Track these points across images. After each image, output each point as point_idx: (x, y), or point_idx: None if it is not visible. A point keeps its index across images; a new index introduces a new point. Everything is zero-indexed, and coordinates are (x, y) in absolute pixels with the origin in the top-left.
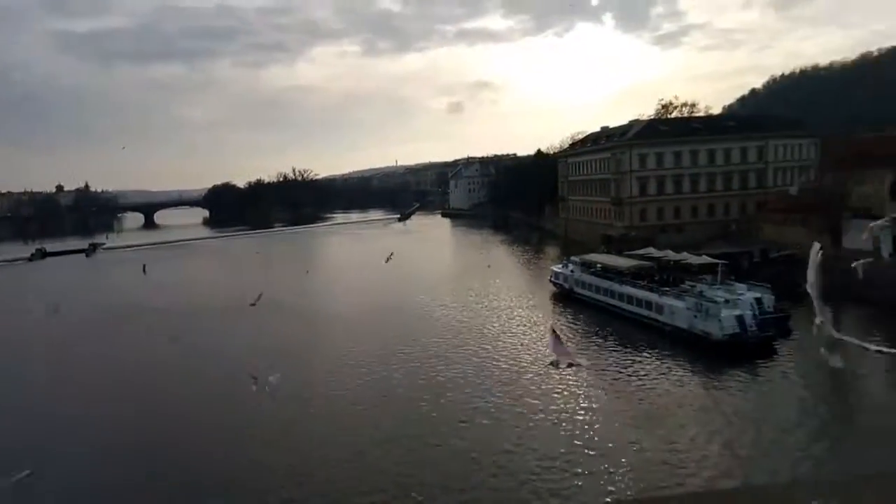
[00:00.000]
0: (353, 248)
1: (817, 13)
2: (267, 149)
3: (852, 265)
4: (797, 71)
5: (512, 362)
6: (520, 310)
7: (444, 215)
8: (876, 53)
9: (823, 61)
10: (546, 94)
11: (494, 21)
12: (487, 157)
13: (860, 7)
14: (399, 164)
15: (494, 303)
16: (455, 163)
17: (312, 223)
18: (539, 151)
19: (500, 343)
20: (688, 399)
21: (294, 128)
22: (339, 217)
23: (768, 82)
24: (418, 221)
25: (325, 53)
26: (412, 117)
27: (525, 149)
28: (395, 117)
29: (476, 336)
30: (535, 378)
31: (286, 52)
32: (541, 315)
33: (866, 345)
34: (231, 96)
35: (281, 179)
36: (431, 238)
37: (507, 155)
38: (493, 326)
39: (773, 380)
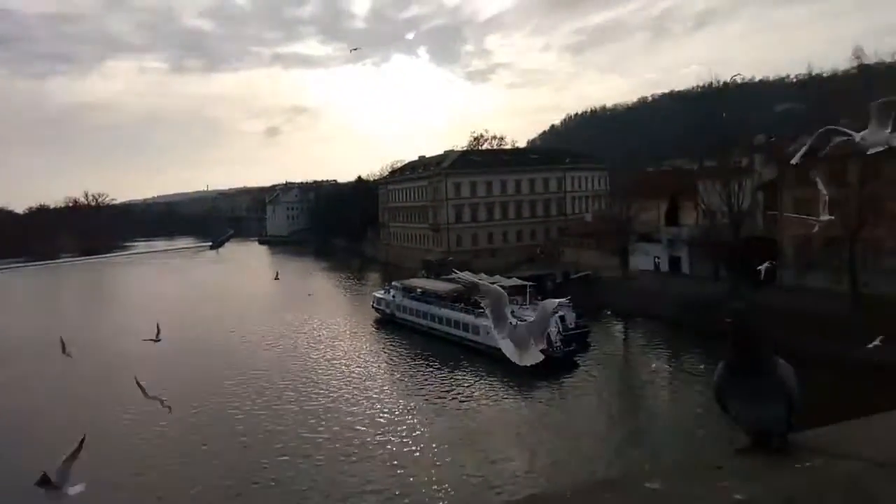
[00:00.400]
0: (158, 279)
1: (605, 61)
2: (54, 171)
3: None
4: (588, 111)
5: (334, 391)
6: (342, 338)
7: (261, 242)
8: (650, 98)
9: (609, 103)
10: (366, 122)
11: (312, 47)
12: (307, 183)
13: (636, 58)
14: (211, 188)
15: (316, 332)
16: (273, 188)
17: (109, 253)
18: (360, 178)
19: (322, 372)
20: (503, 415)
21: (87, 147)
22: (142, 245)
23: (565, 119)
24: (233, 249)
25: (124, 68)
26: (225, 140)
27: (346, 175)
28: (205, 139)
29: (298, 368)
30: (358, 404)
31: (75, 64)
32: (364, 342)
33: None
34: (8, 112)
35: (70, 205)
36: (248, 266)
37: (328, 181)
38: (315, 356)
39: (576, 391)
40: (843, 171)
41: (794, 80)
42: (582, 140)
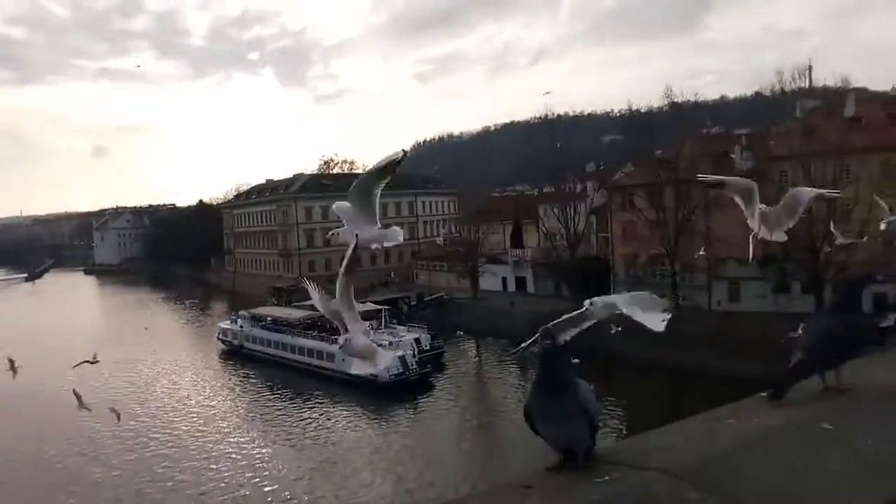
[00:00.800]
0: None
1: (450, 90)
2: None
3: None
4: (436, 137)
5: (177, 431)
6: (184, 373)
7: (88, 272)
8: (493, 127)
9: (456, 130)
10: (207, 143)
11: (145, 62)
12: (142, 208)
13: (480, 89)
14: (26, 213)
15: (154, 369)
16: (101, 213)
17: None
18: (201, 202)
19: (162, 412)
20: (359, 441)
21: None
22: None
23: (414, 145)
24: (54, 280)
25: None
26: (43, 160)
27: (186, 199)
28: (18, 159)
29: (134, 410)
30: (206, 443)
31: None
32: (210, 376)
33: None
34: None
35: None
36: (72, 300)
37: (165, 205)
38: (154, 395)
39: (431, 412)
40: (661, 196)
41: (618, 114)
42: (431, 165)
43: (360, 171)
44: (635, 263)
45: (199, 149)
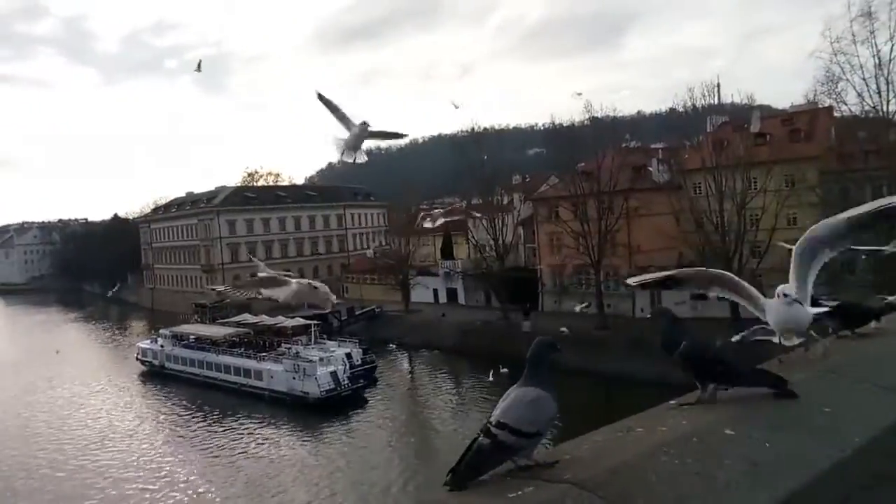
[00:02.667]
0: None
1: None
2: None
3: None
4: (365, 150)
5: (95, 457)
6: (101, 397)
7: None
8: (421, 140)
9: (384, 142)
10: (119, 154)
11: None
12: (51, 222)
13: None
14: None
15: (67, 393)
16: (6, 228)
17: None
18: (116, 216)
19: (78, 438)
20: (289, 459)
21: None
22: None
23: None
24: None
25: None
26: None
27: (99, 213)
28: None
29: (46, 438)
30: (128, 469)
31: None
32: (130, 398)
33: None
34: None
35: None
36: None
37: (77, 220)
38: (68, 420)
39: (364, 426)
40: (585, 207)
41: (542, 127)
42: (360, 177)
43: (285, 183)
44: (562, 273)
45: (113, 160)
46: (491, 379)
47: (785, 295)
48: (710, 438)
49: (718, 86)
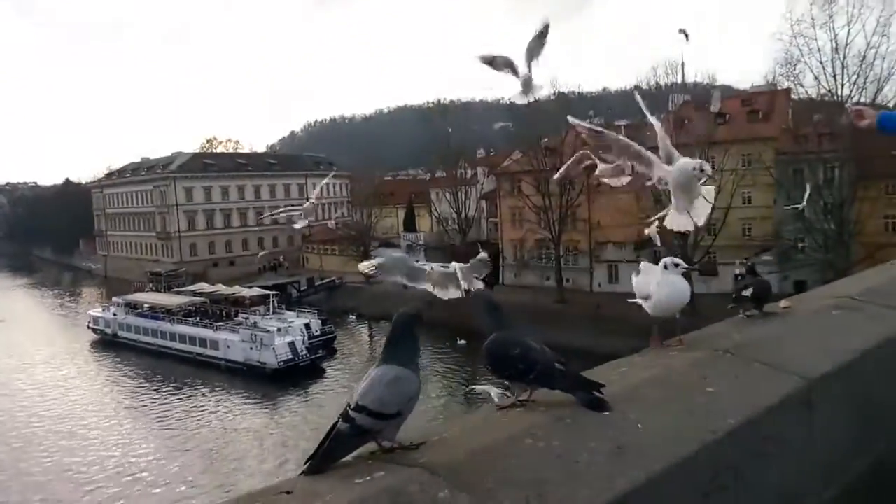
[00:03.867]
0: None
1: (342, 69)
2: None
3: None
4: (328, 119)
5: (44, 427)
6: (50, 365)
7: None
8: (386, 110)
9: (348, 112)
10: (69, 115)
11: None
12: None
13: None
14: None
15: (14, 362)
16: None
17: None
18: (68, 181)
19: (24, 409)
20: (245, 430)
21: None
22: None
23: (306, 126)
24: None
25: None
26: None
27: (50, 177)
28: None
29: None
30: (76, 435)
31: None
32: (80, 368)
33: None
34: None
35: None
36: None
37: (25, 184)
38: (13, 392)
39: (321, 396)
40: (547, 183)
41: (508, 101)
42: (322, 147)
43: (245, 150)
44: (523, 247)
45: (61, 121)
46: (449, 349)
47: (676, 265)
48: (584, 419)
49: (683, 65)
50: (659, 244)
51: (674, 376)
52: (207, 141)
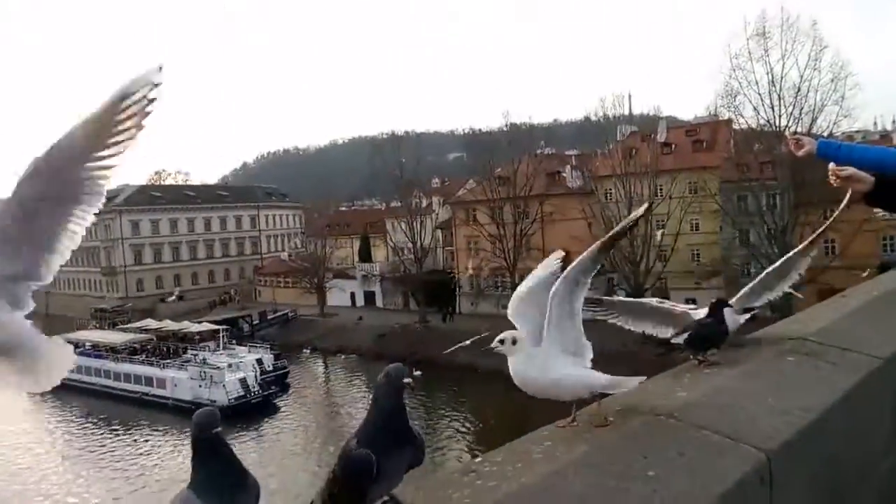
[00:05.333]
0: None
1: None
2: None
3: None
4: (281, 150)
5: None
6: None
7: None
8: (341, 141)
9: (302, 143)
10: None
11: None
12: None
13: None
14: None
15: None
16: None
17: None
18: None
19: None
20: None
21: None
22: None
23: (258, 157)
24: None
25: None
26: None
27: None
28: None
29: None
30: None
31: None
32: (14, 413)
33: None
34: None
35: None
36: None
37: None
38: None
39: (273, 433)
40: (501, 211)
41: (462, 133)
42: (275, 178)
43: (195, 182)
44: (479, 276)
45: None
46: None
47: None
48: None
49: (630, 96)
50: None
51: (606, 456)
52: (156, 173)
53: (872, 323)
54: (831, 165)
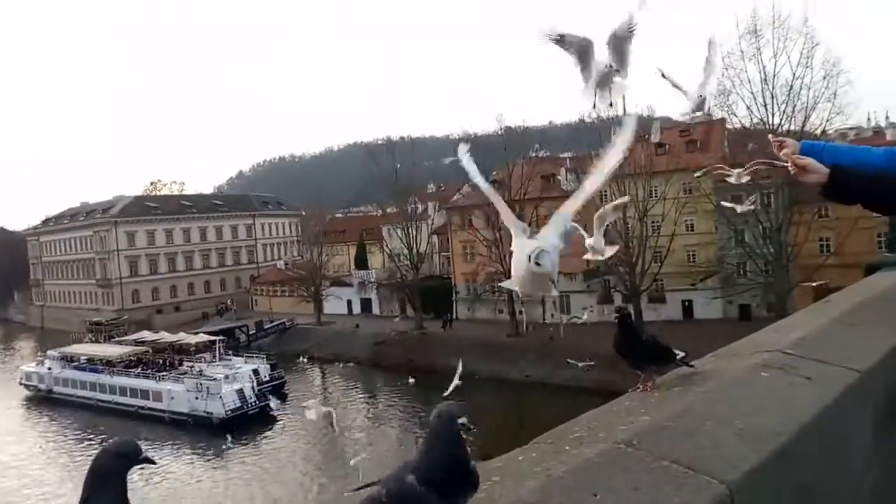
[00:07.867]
0: None
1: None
2: None
3: None
4: (277, 158)
5: None
6: None
7: None
8: (336, 149)
9: (298, 151)
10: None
11: None
12: None
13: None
14: None
15: None
16: None
17: None
18: (2, 229)
19: None
20: (190, 478)
21: None
22: None
23: (254, 166)
24: None
25: None
26: None
27: None
28: None
29: None
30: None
31: None
32: (11, 428)
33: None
34: None
35: None
36: None
37: None
38: None
39: (272, 446)
40: (497, 216)
41: (457, 137)
42: (271, 186)
43: (191, 192)
44: (475, 281)
45: None
46: (402, 387)
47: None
48: None
49: (624, 98)
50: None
51: (552, 495)
52: (151, 183)
53: (853, 332)
54: (786, 150)
